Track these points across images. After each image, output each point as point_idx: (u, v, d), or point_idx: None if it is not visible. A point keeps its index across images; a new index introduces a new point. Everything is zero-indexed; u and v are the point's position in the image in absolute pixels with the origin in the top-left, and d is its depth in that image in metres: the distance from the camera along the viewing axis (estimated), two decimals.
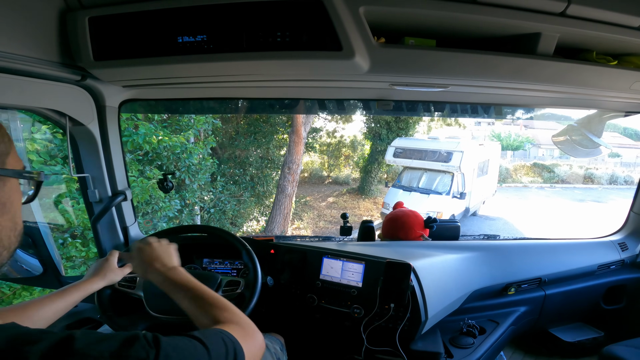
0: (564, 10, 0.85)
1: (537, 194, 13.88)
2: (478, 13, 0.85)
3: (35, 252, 1.66)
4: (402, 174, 9.60)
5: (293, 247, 1.44)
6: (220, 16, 0.84)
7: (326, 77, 1.07)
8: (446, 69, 0.99)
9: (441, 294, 1.33)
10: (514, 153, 19.22)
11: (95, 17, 0.87)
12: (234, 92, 1.35)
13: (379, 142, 10.59)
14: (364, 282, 1.29)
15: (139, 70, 0.96)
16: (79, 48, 0.89)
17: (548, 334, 1.84)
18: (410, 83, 1.10)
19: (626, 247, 1.89)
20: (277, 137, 8.85)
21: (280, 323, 1.39)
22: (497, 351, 1.58)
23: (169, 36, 0.87)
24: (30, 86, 0.94)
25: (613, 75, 1.07)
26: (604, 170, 16.45)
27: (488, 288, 1.56)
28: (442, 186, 8.51)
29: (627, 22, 0.90)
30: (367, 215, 10.49)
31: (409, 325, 1.20)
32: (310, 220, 9.82)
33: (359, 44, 0.84)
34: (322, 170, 14.10)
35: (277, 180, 8.23)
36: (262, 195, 8.32)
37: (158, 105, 1.66)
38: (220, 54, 0.87)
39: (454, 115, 1.73)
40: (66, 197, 3.23)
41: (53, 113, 1.12)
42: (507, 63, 0.97)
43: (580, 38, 0.97)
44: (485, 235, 2.00)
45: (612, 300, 1.88)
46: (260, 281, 1.14)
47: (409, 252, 1.45)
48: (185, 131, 5.33)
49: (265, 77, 1.08)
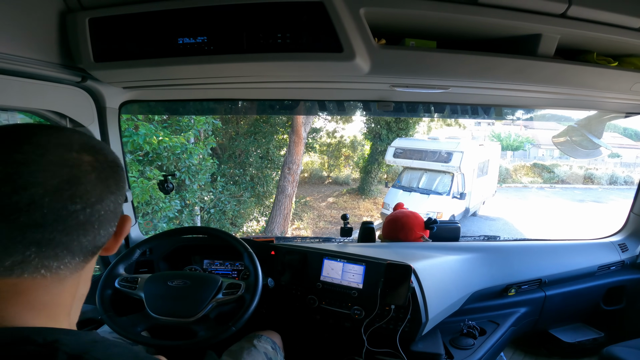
0: (565, 12, 0.85)
1: (537, 194, 13.88)
2: (479, 14, 0.85)
3: None
4: (402, 174, 9.60)
5: (293, 248, 1.44)
6: (221, 17, 0.84)
7: (327, 78, 1.07)
8: (447, 70, 0.99)
9: (441, 295, 1.33)
10: (514, 153, 19.22)
11: (96, 19, 0.87)
12: (234, 94, 1.34)
13: (379, 143, 10.58)
14: (364, 283, 1.29)
15: (139, 72, 0.96)
16: (79, 49, 0.89)
17: (548, 334, 1.84)
18: (411, 84, 1.10)
19: (626, 248, 1.89)
20: (277, 137, 8.85)
21: (281, 324, 1.39)
22: (497, 352, 1.58)
23: (169, 37, 0.87)
24: (30, 88, 0.94)
25: (613, 77, 1.08)
26: (604, 170, 16.45)
27: (488, 289, 1.56)
28: (442, 186, 8.51)
29: (627, 23, 0.91)
30: (367, 215, 10.49)
31: (409, 326, 1.20)
32: (310, 220, 9.81)
33: (360, 45, 0.84)
34: (322, 170, 14.09)
35: (277, 180, 8.22)
36: (262, 196, 8.31)
37: (158, 106, 1.66)
38: (220, 55, 0.87)
39: (454, 116, 1.73)
40: None
41: (53, 114, 1.12)
42: (507, 64, 0.97)
43: (581, 39, 0.97)
44: (485, 236, 2.00)
45: (612, 301, 1.88)
46: (260, 284, 1.14)
47: (409, 254, 1.45)
48: (185, 132, 5.32)
49: (265, 79, 1.08)
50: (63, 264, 0.41)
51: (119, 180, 0.46)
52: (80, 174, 0.41)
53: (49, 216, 0.38)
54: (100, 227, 0.43)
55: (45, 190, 0.38)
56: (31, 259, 0.39)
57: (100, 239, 0.44)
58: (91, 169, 0.42)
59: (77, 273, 0.44)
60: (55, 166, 0.39)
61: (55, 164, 0.39)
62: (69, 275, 0.43)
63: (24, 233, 0.37)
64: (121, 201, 0.47)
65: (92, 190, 0.42)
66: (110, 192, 0.44)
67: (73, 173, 0.40)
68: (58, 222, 0.39)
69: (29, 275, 0.40)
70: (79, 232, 0.41)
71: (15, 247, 0.37)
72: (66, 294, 0.44)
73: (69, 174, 0.40)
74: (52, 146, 0.40)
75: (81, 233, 0.41)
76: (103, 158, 0.44)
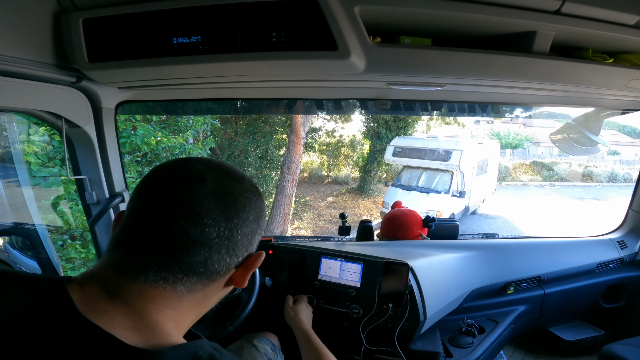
0: (559, 9, 0.85)
1: (536, 192, 13.88)
2: (473, 12, 0.84)
3: (34, 254, 1.65)
4: (401, 173, 9.60)
5: (291, 247, 1.44)
6: (215, 17, 0.83)
7: (322, 77, 1.07)
8: (442, 67, 0.99)
9: (440, 293, 1.33)
10: (513, 151, 19.22)
11: (89, 19, 0.87)
12: (230, 93, 1.34)
13: (378, 142, 10.58)
14: (362, 282, 1.29)
15: (135, 72, 0.95)
16: (73, 50, 0.89)
17: (548, 332, 1.84)
18: (407, 82, 1.10)
19: (625, 245, 1.89)
20: (276, 137, 8.84)
21: (279, 323, 1.39)
22: (496, 350, 1.58)
23: (163, 37, 0.87)
24: (25, 88, 0.93)
25: (609, 73, 1.07)
26: (603, 168, 16.45)
27: (487, 287, 1.56)
28: (441, 185, 8.51)
29: (622, 20, 0.90)
30: (367, 214, 10.49)
31: (407, 325, 1.20)
32: (310, 220, 9.81)
33: (355, 43, 0.84)
34: (322, 170, 14.07)
35: (276, 180, 8.22)
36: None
37: (156, 106, 1.65)
38: (215, 54, 0.86)
39: (452, 114, 1.73)
40: (64, 199, 3.22)
41: (49, 115, 1.12)
42: (503, 61, 0.96)
43: (576, 36, 0.97)
44: (484, 234, 2.00)
45: (611, 299, 1.88)
46: (258, 283, 1.14)
47: (407, 252, 1.45)
48: (183, 132, 5.32)
49: (261, 78, 1.08)
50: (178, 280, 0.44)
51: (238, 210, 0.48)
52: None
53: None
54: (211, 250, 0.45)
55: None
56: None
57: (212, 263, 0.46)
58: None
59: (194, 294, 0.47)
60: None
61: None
62: (186, 294, 0.46)
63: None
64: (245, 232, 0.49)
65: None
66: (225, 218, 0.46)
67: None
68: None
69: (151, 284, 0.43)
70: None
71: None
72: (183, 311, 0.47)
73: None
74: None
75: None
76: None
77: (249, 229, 0.48)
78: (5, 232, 1.75)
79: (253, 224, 0.49)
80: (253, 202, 0.49)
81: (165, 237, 0.42)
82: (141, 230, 0.44)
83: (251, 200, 0.48)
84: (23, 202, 2.12)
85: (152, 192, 0.45)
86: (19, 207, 2.22)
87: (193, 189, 0.44)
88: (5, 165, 2.68)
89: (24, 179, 2.54)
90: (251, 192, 0.49)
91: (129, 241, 0.44)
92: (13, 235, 1.73)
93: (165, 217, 0.43)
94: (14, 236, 1.73)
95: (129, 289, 0.42)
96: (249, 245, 0.50)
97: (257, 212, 0.49)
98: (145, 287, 0.43)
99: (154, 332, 0.41)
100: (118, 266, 0.44)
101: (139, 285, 0.43)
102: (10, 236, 1.73)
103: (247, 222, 0.47)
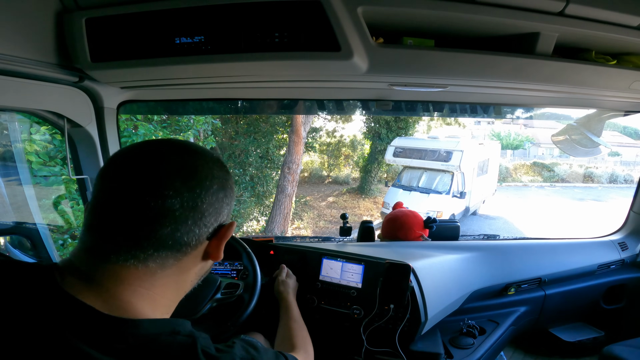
0: (563, 10, 0.85)
1: (537, 193, 13.87)
2: (476, 13, 0.84)
3: (34, 253, 1.65)
4: (402, 173, 9.59)
5: (292, 248, 1.44)
6: (218, 17, 0.83)
7: (325, 77, 1.07)
8: (445, 69, 0.99)
9: (441, 294, 1.32)
10: (513, 152, 19.20)
11: (92, 19, 0.87)
12: (232, 93, 1.34)
13: (378, 142, 10.58)
14: (363, 282, 1.29)
15: (137, 72, 0.96)
16: (76, 50, 0.89)
17: (548, 333, 1.84)
18: (409, 83, 1.10)
19: (626, 246, 1.89)
20: (276, 137, 8.84)
21: (264, 322, 1.38)
22: (497, 351, 1.58)
23: (166, 37, 0.87)
24: (27, 88, 0.93)
25: (612, 75, 1.07)
26: (603, 169, 16.43)
27: (488, 288, 1.56)
28: (442, 185, 8.50)
29: (626, 21, 0.90)
30: (367, 214, 10.49)
31: (408, 325, 1.20)
32: (310, 220, 9.81)
33: (357, 44, 0.84)
34: (322, 170, 14.07)
35: (277, 180, 8.21)
36: (262, 195, 8.31)
37: (157, 106, 1.65)
38: (218, 54, 0.87)
39: (453, 115, 1.72)
40: (65, 198, 3.22)
41: (51, 115, 1.12)
42: (506, 63, 0.96)
43: (579, 37, 0.96)
44: (484, 235, 2.00)
45: (612, 300, 1.88)
46: (259, 284, 1.14)
47: (408, 253, 1.45)
48: (184, 131, 5.33)
49: (263, 78, 1.08)
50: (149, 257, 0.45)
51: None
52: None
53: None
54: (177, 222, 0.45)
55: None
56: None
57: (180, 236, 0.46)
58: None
59: (168, 270, 0.47)
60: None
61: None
62: (159, 271, 0.46)
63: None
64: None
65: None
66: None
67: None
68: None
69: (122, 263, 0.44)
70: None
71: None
72: (158, 289, 0.47)
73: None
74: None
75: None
76: None
77: (215, 197, 0.48)
78: (6, 231, 1.75)
79: (219, 192, 0.49)
80: (216, 171, 0.49)
81: (129, 214, 0.43)
82: (107, 210, 0.44)
83: (213, 169, 0.49)
84: (24, 201, 2.12)
85: (114, 173, 0.46)
86: (19, 206, 2.22)
87: (154, 165, 0.45)
88: (6, 164, 2.68)
89: (25, 178, 2.54)
90: (213, 163, 0.50)
91: (97, 224, 0.45)
92: (14, 235, 1.74)
93: (128, 193, 0.43)
94: (14, 235, 1.73)
95: (101, 271, 0.43)
96: (218, 215, 0.50)
97: (221, 181, 0.50)
98: (118, 268, 0.43)
99: (126, 312, 0.42)
100: (90, 249, 0.45)
101: (112, 266, 0.43)
102: (11, 235, 1.73)
103: (212, 191, 0.48)
